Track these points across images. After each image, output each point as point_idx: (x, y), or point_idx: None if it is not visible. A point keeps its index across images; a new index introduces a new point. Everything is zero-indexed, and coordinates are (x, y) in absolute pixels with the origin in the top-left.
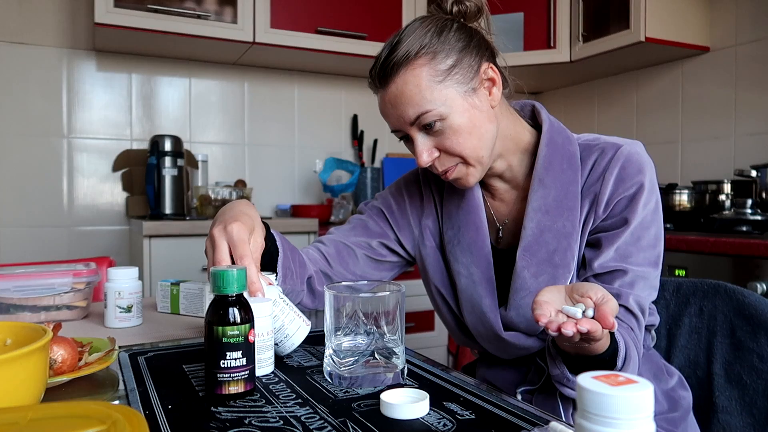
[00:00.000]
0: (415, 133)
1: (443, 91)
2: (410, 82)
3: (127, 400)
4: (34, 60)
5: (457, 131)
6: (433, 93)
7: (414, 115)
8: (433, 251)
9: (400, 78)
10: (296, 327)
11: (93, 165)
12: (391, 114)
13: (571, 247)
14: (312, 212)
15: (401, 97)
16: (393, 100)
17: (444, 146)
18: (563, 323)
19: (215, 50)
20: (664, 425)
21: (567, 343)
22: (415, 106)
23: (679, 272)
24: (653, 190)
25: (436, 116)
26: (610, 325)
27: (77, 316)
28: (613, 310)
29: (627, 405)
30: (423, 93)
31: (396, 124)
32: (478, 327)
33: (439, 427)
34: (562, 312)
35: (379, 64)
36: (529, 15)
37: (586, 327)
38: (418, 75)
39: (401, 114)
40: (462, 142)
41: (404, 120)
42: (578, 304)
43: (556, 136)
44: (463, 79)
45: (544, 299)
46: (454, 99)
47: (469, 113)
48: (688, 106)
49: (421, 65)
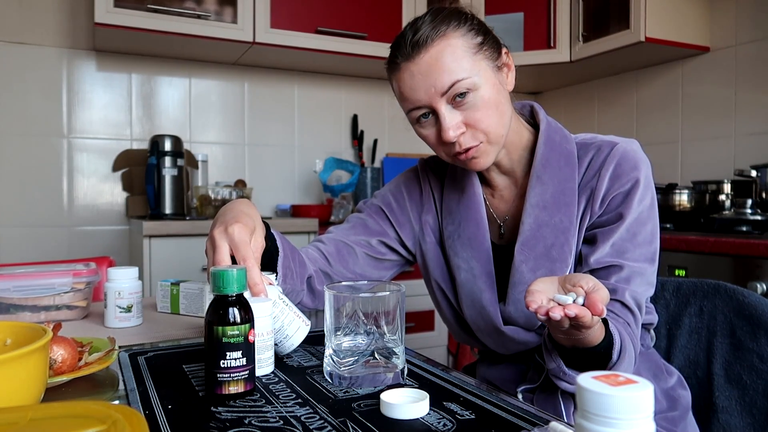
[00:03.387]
0: (442, 106)
1: (477, 63)
2: (447, 50)
3: (127, 400)
4: (34, 60)
5: (487, 104)
6: (468, 62)
7: (449, 83)
8: (433, 246)
9: (435, 47)
10: (296, 327)
11: (93, 165)
12: (421, 85)
13: (569, 242)
14: (312, 212)
15: (436, 65)
16: (426, 69)
17: (472, 119)
18: (551, 308)
19: (215, 50)
20: (664, 424)
21: (561, 335)
22: (451, 73)
23: (679, 272)
24: (648, 187)
25: (469, 85)
26: (598, 312)
27: (77, 316)
28: (603, 297)
29: (627, 405)
30: (459, 61)
31: (423, 97)
32: (477, 321)
33: (439, 427)
34: (554, 300)
35: (409, 37)
36: (529, 15)
37: (574, 311)
38: (454, 44)
39: (434, 82)
40: (490, 116)
41: (436, 89)
42: (570, 293)
43: (554, 134)
44: (491, 56)
45: (537, 288)
46: (486, 71)
47: (496, 88)
48: (688, 106)
49: (457, 36)
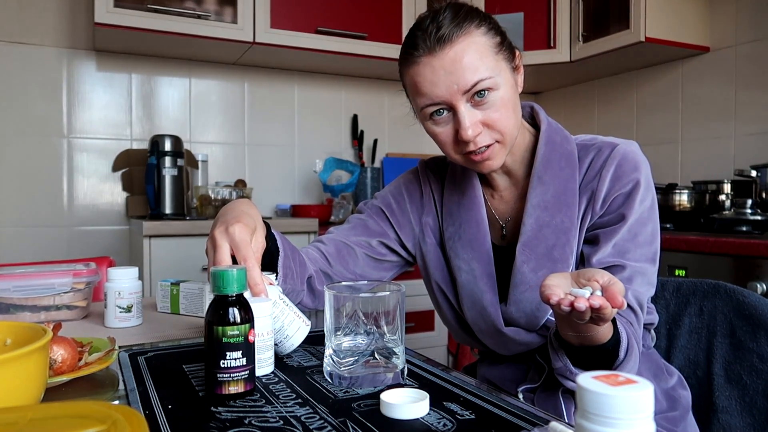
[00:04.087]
0: (462, 104)
1: (499, 63)
2: (471, 48)
3: (127, 400)
4: (34, 60)
5: (505, 104)
6: (492, 62)
7: (472, 81)
8: (433, 248)
9: (460, 44)
10: (296, 328)
11: (93, 165)
12: (443, 81)
13: (570, 242)
14: (312, 212)
15: (460, 63)
16: (449, 65)
17: (490, 119)
18: (576, 299)
19: (215, 50)
20: (664, 424)
21: (571, 333)
22: (476, 71)
23: (679, 272)
24: (649, 188)
25: (491, 84)
26: (619, 304)
27: (77, 316)
28: (620, 290)
29: (627, 405)
30: (484, 60)
31: (443, 93)
32: (478, 322)
33: (439, 427)
34: (571, 294)
35: (433, 30)
36: (529, 15)
37: (599, 302)
38: (479, 42)
39: (457, 80)
40: (508, 117)
41: (459, 86)
42: (585, 287)
43: (554, 135)
44: (508, 57)
45: (553, 283)
46: (506, 72)
47: (513, 90)
48: (688, 106)
49: (481, 34)
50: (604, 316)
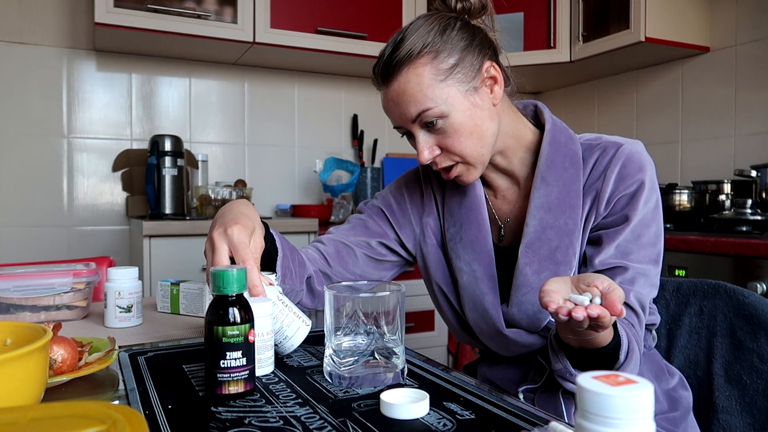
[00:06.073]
0: (417, 130)
1: (445, 90)
2: (412, 80)
3: (127, 400)
4: (34, 60)
5: (458, 130)
6: (434, 91)
7: (415, 113)
8: (434, 249)
9: (402, 76)
10: (296, 328)
11: (93, 165)
12: (394, 111)
13: (573, 244)
14: (312, 212)
15: (403, 95)
16: (395, 97)
17: (445, 145)
18: (574, 308)
19: (215, 50)
20: (665, 425)
21: (571, 336)
22: (417, 103)
23: (679, 272)
24: (654, 189)
25: (437, 114)
26: (618, 312)
27: (77, 316)
28: (620, 297)
29: (627, 405)
30: (425, 91)
31: (398, 121)
32: (480, 324)
33: (439, 427)
34: (570, 300)
35: (382, 62)
36: (529, 15)
37: (596, 312)
38: (420, 74)
39: (403, 111)
40: (462, 142)
41: (406, 117)
42: (585, 293)
43: (559, 135)
44: (464, 78)
45: (552, 288)
46: (455, 98)
47: (470, 112)
48: (688, 106)
49: (423, 64)
50: (602, 324)
